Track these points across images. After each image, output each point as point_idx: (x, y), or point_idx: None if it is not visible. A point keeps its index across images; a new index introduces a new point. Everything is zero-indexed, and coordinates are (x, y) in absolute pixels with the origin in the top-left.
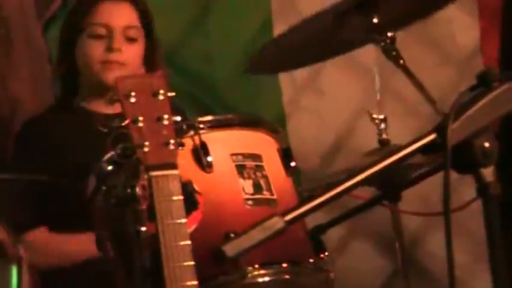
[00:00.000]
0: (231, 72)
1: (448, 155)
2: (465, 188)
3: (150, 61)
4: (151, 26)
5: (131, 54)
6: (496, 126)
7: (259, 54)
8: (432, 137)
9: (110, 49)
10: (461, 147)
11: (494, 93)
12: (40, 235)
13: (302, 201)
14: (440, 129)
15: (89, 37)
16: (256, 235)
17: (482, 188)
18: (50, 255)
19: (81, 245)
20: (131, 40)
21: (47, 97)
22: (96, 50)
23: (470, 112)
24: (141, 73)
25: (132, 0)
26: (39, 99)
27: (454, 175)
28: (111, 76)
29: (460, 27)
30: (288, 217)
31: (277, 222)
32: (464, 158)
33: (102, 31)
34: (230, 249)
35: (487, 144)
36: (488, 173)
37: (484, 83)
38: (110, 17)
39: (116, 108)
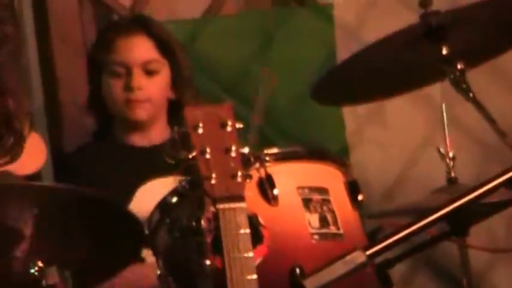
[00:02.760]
0: (293, 103)
1: None
2: None
3: (178, 85)
4: (173, 51)
5: (153, 88)
6: None
7: (322, 82)
8: None
9: (129, 88)
10: None
11: None
12: None
13: (385, 237)
14: None
15: (108, 76)
16: (337, 269)
17: None
18: None
19: (137, 276)
20: (152, 73)
21: None
22: (116, 89)
23: None
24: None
25: (148, 31)
26: None
27: None
28: (135, 114)
29: None
30: (370, 251)
31: (359, 257)
32: None
33: (120, 69)
34: (311, 283)
35: None
36: None
37: None
38: (127, 54)
39: (149, 141)
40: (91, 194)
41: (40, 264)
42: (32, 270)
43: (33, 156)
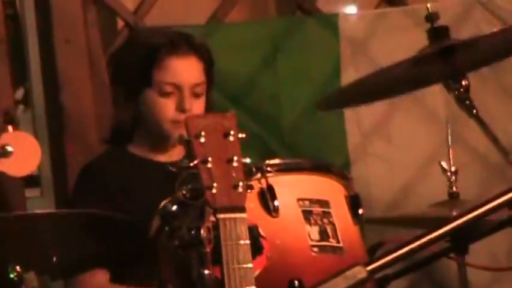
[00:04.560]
0: (297, 115)
1: None
2: None
3: (208, 108)
4: (213, 77)
5: (198, 110)
6: None
7: (334, 96)
8: None
9: (182, 110)
10: None
11: None
12: (100, 280)
13: (386, 252)
14: None
15: (158, 94)
16: (338, 284)
17: None
18: None
19: None
20: (198, 95)
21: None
22: (166, 109)
23: None
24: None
25: (199, 54)
26: (101, 130)
27: None
28: (178, 134)
29: None
30: (371, 267)
31: (359, 272)
32: None
33: (171, 89)
34: None
35: None
36: None
37: None
38: (179, 75)
39: (169, 157)
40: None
41: (18, 269)
42: (11, 276)
43: (27, 158)
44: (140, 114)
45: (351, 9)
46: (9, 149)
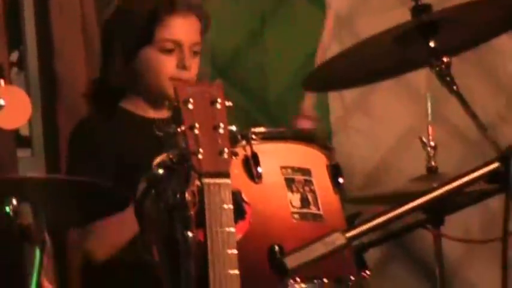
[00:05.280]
0: (283, 87)
1: (510, 183)
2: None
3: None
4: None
5: (195, 69)
6: None
7: (316, 72)
8: (495, 165)
9: (182, 67)
10: None
11: None
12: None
13: (365, 221)
14: (504, 159)
15: (159, 51)
16: (317, 250)
17: None
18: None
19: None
20: (195, 54)
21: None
22: (167, 66)
23: None
24: (199, 82)
25: (198, 14)
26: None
27: (495, 204)
28: None
29: None
30: (350, 234)
31: (338, 239)
32: None
33: (172, 46)
34: (291, 261)
35: None
36: None
37: None
38: (181, 32)
39: (161, 114)
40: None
41: (14, 202)
42: (7, 209)
43: (18, 112)
44: (136, 71)
45: None
46: (1, 102)
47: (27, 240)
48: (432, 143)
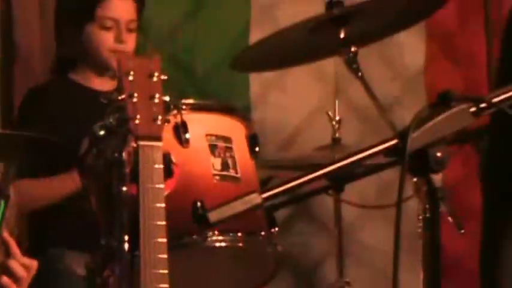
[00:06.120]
0: (210, 66)
1: (405, 158)
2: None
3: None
4: (142, 18)
5: (132, 43)
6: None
7: (241, 55)
8: (394, 142)
9: (119, 41)
10: (417, 153)
11: (451, 112)
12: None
13: (278, 184)
14: (402, 136)
15: (99, 28)
16: (236, 207)
17: (431, 192)
18: (35, 193)
19: (62, 182)
20: (131, 31)
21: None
22: (106, 40)
23: (428, 125)
24: (139, 56)
25: None
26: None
27: (389, 176)
28: None
29: (409, 50)
30: (265, 195)
31: (255, 198)
32: (419, 163)
33: (111, 23)
34: (214, 216)
35: (439, 154)
36: (437, 178)
37: (443, 102)
38: (118, 11)
39: (107, 87)
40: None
41: None
42: None
43: None
44: (82, 46)
45: None
46: None
47: None
48: (337, 118)
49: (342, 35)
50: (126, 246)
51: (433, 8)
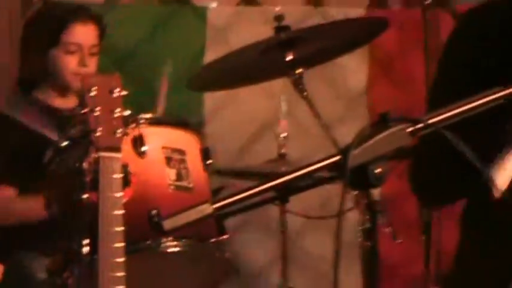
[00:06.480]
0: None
1: (347, 173)
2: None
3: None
4: (102, 42)
5: (94, 66)
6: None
7: (197, 75)
8: (337, 158)
9: (82, 64)
10: (358, 169)
11: (389, 131)
12: (7, 192)
13: (228, 195)
14: (344, 152)
15: (63, 52)
16: (190, 216)
17: (370, 205)
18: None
19: (27, 206)
20: (93, 55)
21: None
22: (70, 64)
23: (369, 143)
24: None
25: (96, 22)
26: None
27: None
28: (79, 84)
29: (352, 72)
30: (216, 205)
31: (207, 208)
32: (359, 178)
33: (74, 48)
34: (168, 224)
35: (378, 170)
36: (376, 192)
37: (383, 122)
38: (82, 37)
39: (67, 103)
40: None
41: None
42: None
43: None
44: (47, 68)
45: (216, 4)
46: None
47: None
48: (283, 134)
49: (289, 58)
50: (86, 249)
51: (375, 33)
